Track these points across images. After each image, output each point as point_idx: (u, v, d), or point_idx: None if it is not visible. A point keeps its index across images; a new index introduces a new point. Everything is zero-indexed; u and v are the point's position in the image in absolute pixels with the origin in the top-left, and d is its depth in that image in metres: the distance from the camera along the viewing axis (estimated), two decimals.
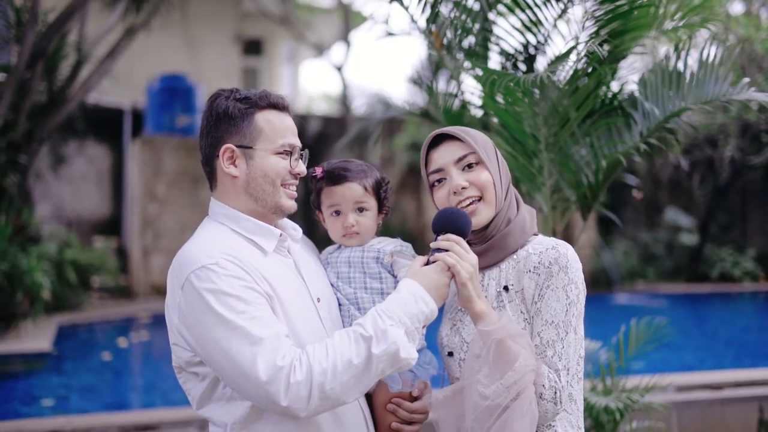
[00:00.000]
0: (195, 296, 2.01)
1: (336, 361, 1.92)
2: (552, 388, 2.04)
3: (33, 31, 9.06)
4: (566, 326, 2.08)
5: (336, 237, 2.37)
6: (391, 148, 15.74)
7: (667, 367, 7.91)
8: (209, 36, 18.52)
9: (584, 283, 2.16)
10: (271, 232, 2.20)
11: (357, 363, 1.93)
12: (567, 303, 2.09)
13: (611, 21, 3.32)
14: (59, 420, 5.37)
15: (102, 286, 13.15)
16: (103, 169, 16.06)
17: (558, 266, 2.10)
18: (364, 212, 2.34)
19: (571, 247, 2.17)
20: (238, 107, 2.17)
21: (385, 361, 1.95)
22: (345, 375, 1.92)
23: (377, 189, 2.37)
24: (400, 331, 1.97)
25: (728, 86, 3.44)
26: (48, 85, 10.35)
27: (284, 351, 1.93)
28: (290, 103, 2.25)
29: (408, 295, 2.02)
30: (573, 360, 2.09)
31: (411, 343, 1.99)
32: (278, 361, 1.91)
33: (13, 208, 9.43)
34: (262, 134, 2.16)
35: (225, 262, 2.02)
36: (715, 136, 13.53)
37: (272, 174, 2.17)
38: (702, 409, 5.42)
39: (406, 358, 1.97)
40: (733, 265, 15.75)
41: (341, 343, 1.95)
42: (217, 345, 1.97)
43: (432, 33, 3.77)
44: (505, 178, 2.26)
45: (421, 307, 2.02)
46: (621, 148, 3.63)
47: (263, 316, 1.98)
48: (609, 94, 3.73)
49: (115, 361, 9.21)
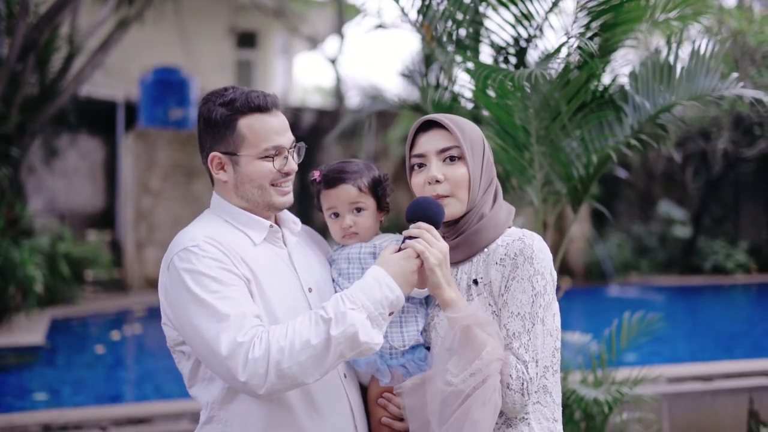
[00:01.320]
0: (176, 276, 2.11)
1: (294, 341, 1.98)
2: (519, 379, 2.03)
3: (24, 23, 9.01)
4: (533, 318, 2.07)
5: (337, 238, 2.42)
6: (385, 142, 15.73)
7: (659, 358, 7.95)
8: (203, 28, 18.46)
9: (553, 273, 2.15)
10: (261, 224, 2.27)
11: (315, 344, 1.98)
12: (533, 294, 2.07)
13: (603, 14, 3.32)
14: (52, 413, 5.37)
15: (95, 280, 13.12)
16: (96, 162, 16.02)
17: (523, 257, 2.09)
18: (361, 212, 2.37)
19: (539, 237, 2.16)
20: (221, 114, 2.21)
21: (343, 344, 1.98)
22: (302, 355, 1.97)
23: (374, 188, 2.39)
24: (361, 315, 2.00)
25: (718, 81, 3.45)
26: (40, 77, 10.30)
27: (247, 329, 2.01)
28: (276, 100, 2.26)
29: (372, 280, 2.06)
30: (543, 352, 2.07)
31: (375, 329, 2.03)
32: (239, 338, 1.98)
33: (5, 201, 9.41)
34: (245, 141, 2.21)
35: (205, 245, 2.12)
36: (708, 129, 13.54)
37: (258, 179, 2.23)
38: (692, 401, 5.45)
39: (366, 341, 2.00)
40: (726, 257, 15.81)
41: (302, 324, 2.01)
42: (190, 321, 2.07)
43: (423, 26, 3.76)
44: (487, 175, 2.24)
45: (386, 292, 2.05)
46: (612, 141, 3.63)
47: (234, 296, 2.06)
48: (600, 87, 3.73)
49: (108, 354, 9.21)
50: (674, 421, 5.23)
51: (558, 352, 2.16)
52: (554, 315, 2.13)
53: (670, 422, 5.19)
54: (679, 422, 5.26)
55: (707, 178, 16.12)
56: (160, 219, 13.82)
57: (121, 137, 15.47)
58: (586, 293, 13.72)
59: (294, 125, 2.30)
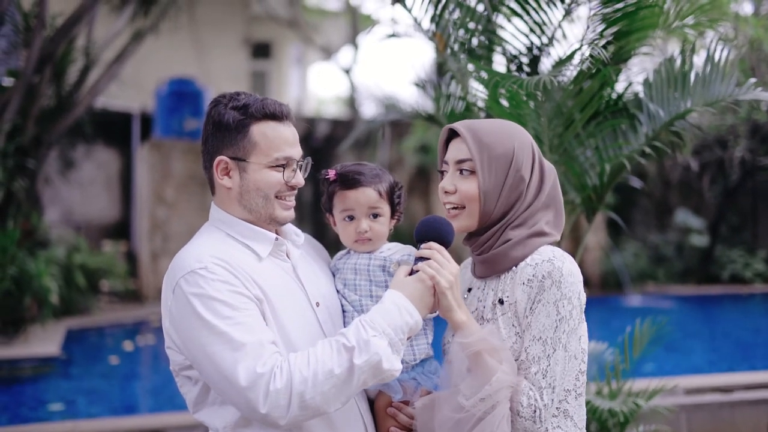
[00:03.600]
0: (183, 301, 2.02)
1: (317, 370, 1.92)
2: (531, 407, 1.98)
3: (41, 36, 9.09)
4: (554, 343, 2.01)
5: (348, 242, 2.32)
6: (399, 151, 15.72)
7: (677, 369, 7.87)
8: (217, 39, 18.54)
9: (582, 296, 2.08)
10: (265, 237, 2.19)
11: (338, 373, 1.93)
12: (557, 319, 2.02)
13: (616, 21, 3.29)
14: (67, 425, 5.38)
15: (111, 290, 13.15)
16: (111, 173, 16.10)
17: (551, 280, 2.03)
18: (377, 218, 2.29)
19: (570, 259, 2.09)
20: (233, 117, 2.14)
21: (367, 372, 1.95)
22: (326, 385, 1.92)
23: (391, 194, 2.32)
24: (383, 342, 1.96)
25: (734, 87, 3.41)
26: (56, 89, 10.36)
27: (266, 358, 1.94)
28: (289, 111, 2.20)
29: (392, 305, 2.01)
30: (563, 378, 2.02)
31: (395, 354, 1.98)
32: (258, 368, 1.92)
33: (21, 212, 9.46)
34: (257, 147, 2.14)
35: (214, 266, 2.03)
36: (725, 137, 13.45)
37: (265, 188, 2.16)
38: (712, 413, 5.38)
39: (388, 369, 1.96)
40: (744, 266, 15.65)
41: (323, 353, 1.95)
42: (202, 349, 1.98)
43: (435, 35, 3.75)
44: (511, 192, 2.12)
45: (406, 318, 2.00)
46: (626, 150, 3.60)
47: (248, 322, 1.99)
48: (614, 95, 3.69)
49: (123, 365, 9.22)
50: None
51: (583, 375, 2.10)
52: (580, 338, 2.08)
53: None
54: None
55: (724, 186, 15.99)
56: (175, 229, 13.85)
57: (137, 148, 15.55)
58: (602, 303, 13.61)
59: (308, 135, 2.27)
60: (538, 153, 2.20)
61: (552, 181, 2.20)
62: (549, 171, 2.21)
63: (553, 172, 2.23)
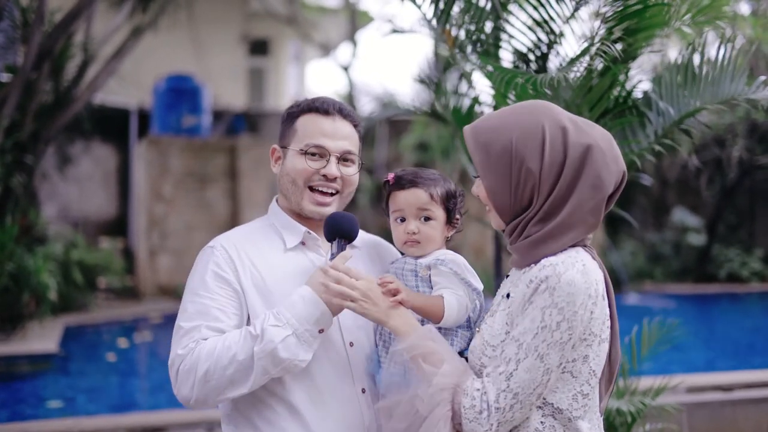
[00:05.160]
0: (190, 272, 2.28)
1: (221, 355, 2.06)
2: (474, 408, 1.89)
3: (39, 32, 9.05)
4: (529, 349, 1.87)
5: (398, 244, 2.30)
6: (398, 149, 15.70)
7: (677, 368, 7.86)
8: (216, 36, 18.50)
9: (581, 311, 1.88)
10: (297, 229, 2.30)
11: (242, 359, 2.05)
12: (540, 326, 1.87)
13: (625, 19, 3.28)
14: (67, 422, 5.35)
15: (108, 287, 13.13)
16: (109, 169, 16.06)
17: (546, 285, 1.88)
18: (428, 221, 2.25)
19: (580, 269, 1.90)
20: (290, 110, 2.34)
21: (264, 359, 2.04)
22: (229, 368, 2.05)
23: (446, 199, 2.27)
24: (283, 332, 2.05)
25: (743, 85, 3.41)
26: (54, 85, 10.32)
27: (190, 341, 2.11)
28: (341, 108, 2.30)
29: (298, 298, 2.10)
30: (527, 387, 1.87)
31: (303, 345, 2.07)
32: (179, 350, 2.11)
33: (19, 208, 9.43)
34: (296, 135, 2.29)
35: (219, 247, 2.23)
36: (723, 137, 13.47)
37: (293, 173, 2.27)
38: (713, 411, 5.38)
39: (288, 358, 2.06)
40: (741, 265, 15.68)
41: (233, 338, 2.09)
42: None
43: (444, 32, 3.73)
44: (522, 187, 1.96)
45: (310, 309, 2.09)
46: (635, 147, 3.59)
47: (208, 305, 2.15)
48: (623, 93, 3.68)
49: (122, 362, 9.20)
50: None
51: (584, 398, 1.96)
52: (585, 357, 1.94)
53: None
54: None
55: (722, 185, 16.02)
56: (172, 226, 13.82)
57: (134, 145, 15.51)
58: None
59: None
60: (556, 131, 1.95)
61: (577, 157, 1.93)
62: (574, 146, 1.94)
63: (582, 144, 1.94)
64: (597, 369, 1.97)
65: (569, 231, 1.95)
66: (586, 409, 1.98)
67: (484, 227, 11.21)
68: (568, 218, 1.94)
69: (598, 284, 1.95)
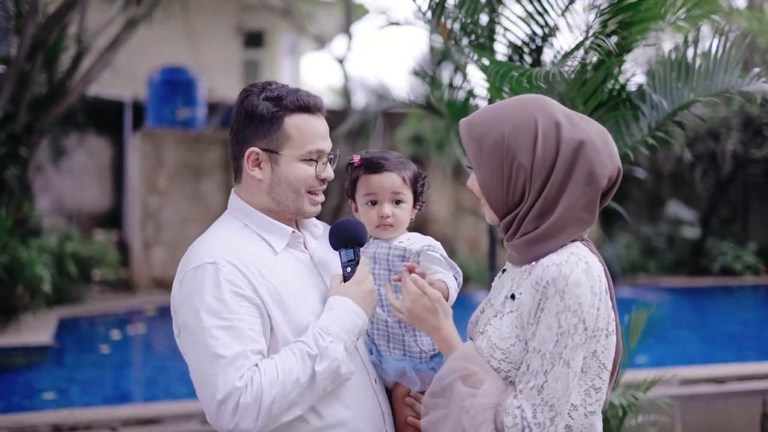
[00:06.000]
0: (187, 293, 2.03)
1: (285, 380, 1.95)
2: (516, 426, 1.86)
3: (33, 23, 9.01)
4: (553, 358, 1.86)
5: (369, 227, 2.30)
6: (393, 142, 15.70)
7: (670, 360, 7.90)
8: (210, 28, 18.44)
9: (591, 308, 1.88)
10: (282, 231, 2.19)
11: (303, 381, 1.97)
12: (558, 333, 1.86)
13: (620, 12, 3.29)
14: (61, 413, 5.36)
15: (103, 279, 13.10)
16: (103, 161, 16.02)
17: (554, 288, 1.86)
18: (400, 204, 2.28)
19: (584, 265, 1.90)
20: (267, 109, 2.13)
21: (327, 378, 2.00)
22: (292, 393, 1.96)
23: (414, 182, 2.32)
24: (339, 347, 2.01)
25: (736, 78, 3.41)
26: (48, 77, 10.27)
27: (244, 370, 1.94)
28: (322, 103, 2.20)
29: (342, 310, 2.06)
30: (562, 395, 1.86)
31: (350, 356, 2.05)
32: (237, 382, 1.92)
33: (13, 200, 9.40)
34: (290, 140, 2.13)
35: (223, 262, 2.03)
36: (717, 130, 13.50)
37: (297, 182, 2.15)
38: (705, 403, 5.41)
39: (345, 373, 2.03)
40: (735, 258, 15.74)
41: (289, 361, 1.98)
42: (192, 347, 2.02)
43: (439, 24, 3.73)
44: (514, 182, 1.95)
45: (354, 320, 2.07)
46: (629, 140, 3.60)
47: (240, 327, 1.98)
48: (617, 86, 3.69)
49: (117, 354, 9.20)
50: (687, 424, 5.19)
51: (597, 392, 1.97)
52: (594, 352, 1.94)
53: (682, 425, 5.15)
54: (691, 425, 5.22)
55: (716, 179, 16.06)
56: (167, 219, 13.80)
57: (129, 137, 15.47)
58: None
59: None
60: (550, 125, 1.94)
61: (570, 152, 1.92)
62: (567, 141, 1.93)
63: (575, 139, 1.93)
64: (607, 362, 1.97)
65: (566, 228, 1.94)
66: (600, 404, 1.99)
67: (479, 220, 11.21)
68: (563, 215, 1.93)
69: (601, 280, 1.95)
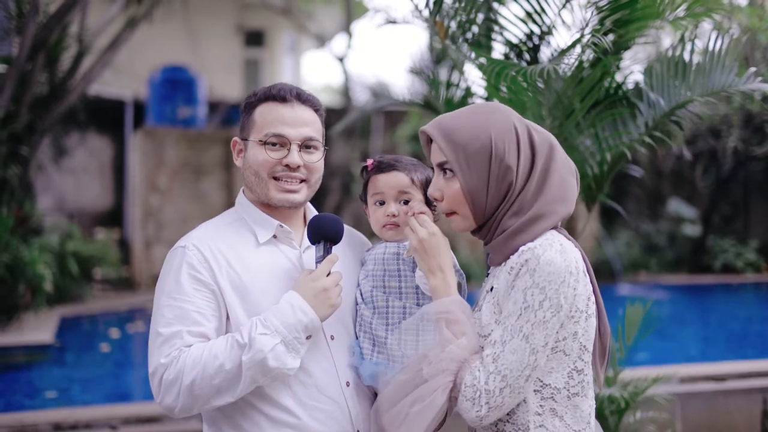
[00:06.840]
0: (161, 273, 2.19)
1: (207, 364, 2.00)
2: (472, 386, 1.90)
3: (34, 22, 9.02)
4: (513, 330, 1.90)
5: (376, 228, 2.30)
6: (393, 140, 15.70)
7: (670, 358, 7.91)
8: (211, 27, 18.44)
9: (563, 289, 1.91)
10: (269, 223, 2.24)
11: (229, 368, 2.00)
12: (522, 307, 1.90)
13: (616, 10, 3.29)
14: (62, 412, 5.37)
15: (104, 278, 13.13)
16: (104, 160, 16.03)
17: (526, 268, 1.92)
18: (407, 205, 2.26)
19: (557, 248, 1.95)
20: (248, 101, 2.27)
21: (253, 368, 2.01)
22: (215, 378, 2.00)
23: (425, 185, 2.26)
24: (272, 341, 2.01)
25: (734, 76, 3.41)
26: (49, 76, 10.29)
27: (173, 349, 2.04)
28: (299, 94, 2.24)
29: (287, 305, 2.06)
30: (516, 368, 1.89)
31: (291, 353, 2.04)
32: (162, 358, 2.04)
33: (14, 199, 9.41)
34: (254, 126, 2.23)
35: (191, 247, 2.15)
36: (718, 127, 13.48)
37: (255, 165, 2.22)
38: (706, 401, 5.41)
39: (276, 367, 2.02)
40: (736, 256, 15.71)
41: (218, 347, 2.04)
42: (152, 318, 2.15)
43: (436, 22, 3.73)
44: (499, 184, 2.02)
45: (299, 316, 2.06)
46: (626, 139, 3.60)
47: (186, 308, 2.08)
48: (614, 84, 3.69)
49: (117, 352, 9.21)
50: (687, 422, 5.19)
51: (579, 374, 1.99)
52: (575, 334, 1.96)
53: (682, 422, 5.15)
54: (692, 422, 5.22)
55: (717, 176, 16.03)
56: (168, 217, 13.81)
57: (130, 136, 15.49)
58: None
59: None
60: (524, 130, 2.05)
61: (545, 154, 2.05)
62: (540, 144, 2.05)
63: (546, 142, 2.07)
64: (587, 344, 2.01)
65: (542, 220, 2.01)
66: (584, 386, 2.01)
67: None
68: (539, 209, 2.02)
69: (578, 261, 2.00)
